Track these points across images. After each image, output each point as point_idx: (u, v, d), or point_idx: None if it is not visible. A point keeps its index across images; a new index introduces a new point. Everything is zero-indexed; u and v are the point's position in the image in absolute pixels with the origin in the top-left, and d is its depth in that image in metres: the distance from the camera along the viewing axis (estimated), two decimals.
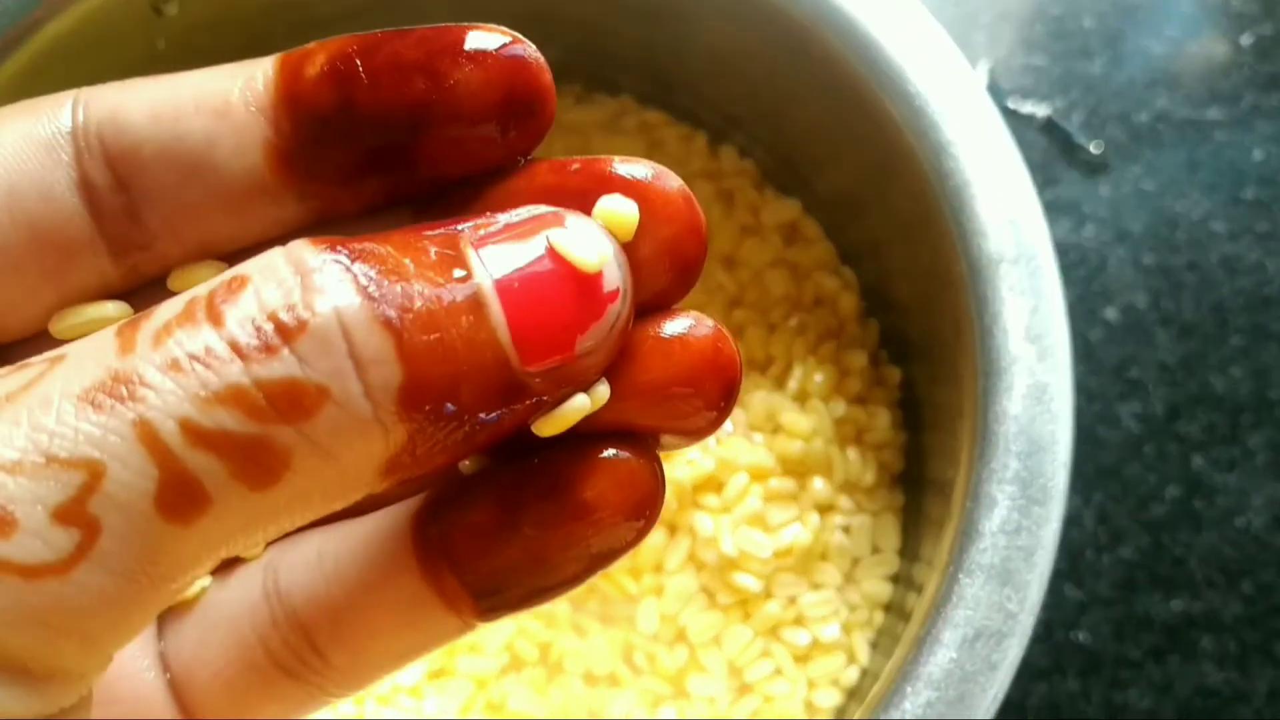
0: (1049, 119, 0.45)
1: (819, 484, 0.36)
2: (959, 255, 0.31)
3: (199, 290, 0.13)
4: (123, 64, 0.34)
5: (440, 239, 0.13)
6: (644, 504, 0.15)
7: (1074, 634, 0.38)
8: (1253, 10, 0.47)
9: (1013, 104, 0.45)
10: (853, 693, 0.34)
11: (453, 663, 0.35)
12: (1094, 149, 0.45)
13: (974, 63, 0.46)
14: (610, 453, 0.15)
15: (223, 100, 0.15)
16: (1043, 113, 0.45)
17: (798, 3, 0.33)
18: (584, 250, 0.13)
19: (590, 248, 0.13)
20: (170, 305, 0.13)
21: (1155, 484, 0.40)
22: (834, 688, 0.35)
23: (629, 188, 0.14)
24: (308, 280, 0.12)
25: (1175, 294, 0.42)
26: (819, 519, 0.36)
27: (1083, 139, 0.45)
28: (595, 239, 0.14)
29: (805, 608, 0.35)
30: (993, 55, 0.46)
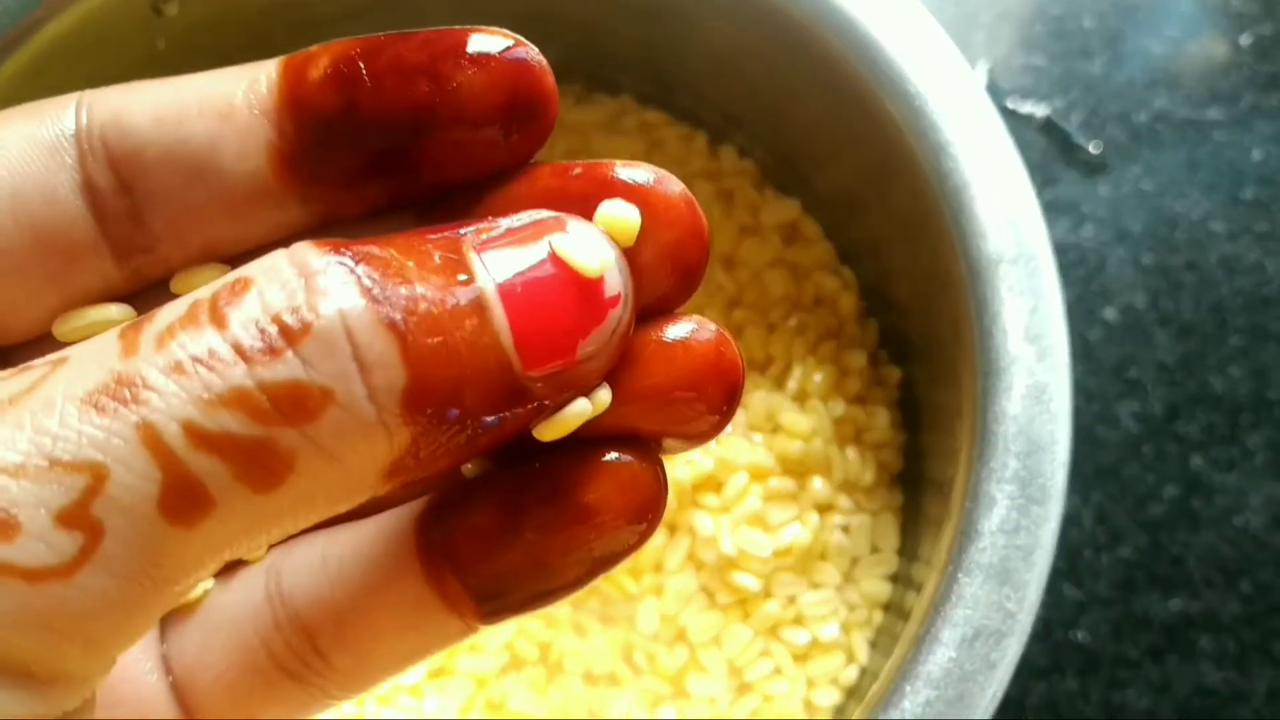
0: (1048, 119, 0.45)
1: (818, 484, 0.36)
2: (958, 255, 0.31)
3: (202, 292, 0.13)
4: (123, 64, 0.34)
5: (443, 243, 0.13)
6: (646, 508, 0.15)
7: (1073, 633, 0.38)
8: (1252, 10, 0.47)
9: (1012, 104, 0.45)
10: (852, 692, 0.35)
11: (453, 662, 0.35)
12: (1093, 149, 0.45)
13: (973, 62, 0.46)
14: (612, 456, 0.15)
15: (226, 103, 0.15)
16: (1042, 113, 0.45)
17: (797, 2, 0.33)
18: (585, 255, 0.13)
19: (592, 253, 0.13)
20: (173, 307, 0.13)
21: (1154, 484, 0.40)
22: (833, 687, 0.35)
23: (630, 192, 0.14)
24: (312, 282, 0.12)
25: (1174, 294, 0.42)
26: (818, 519, 0.36)
27: (1082, 139, 0.45)
28: (596, 244, 0.14)
29: (805, 607, 0.35)
30: (992, 55, 0.46)
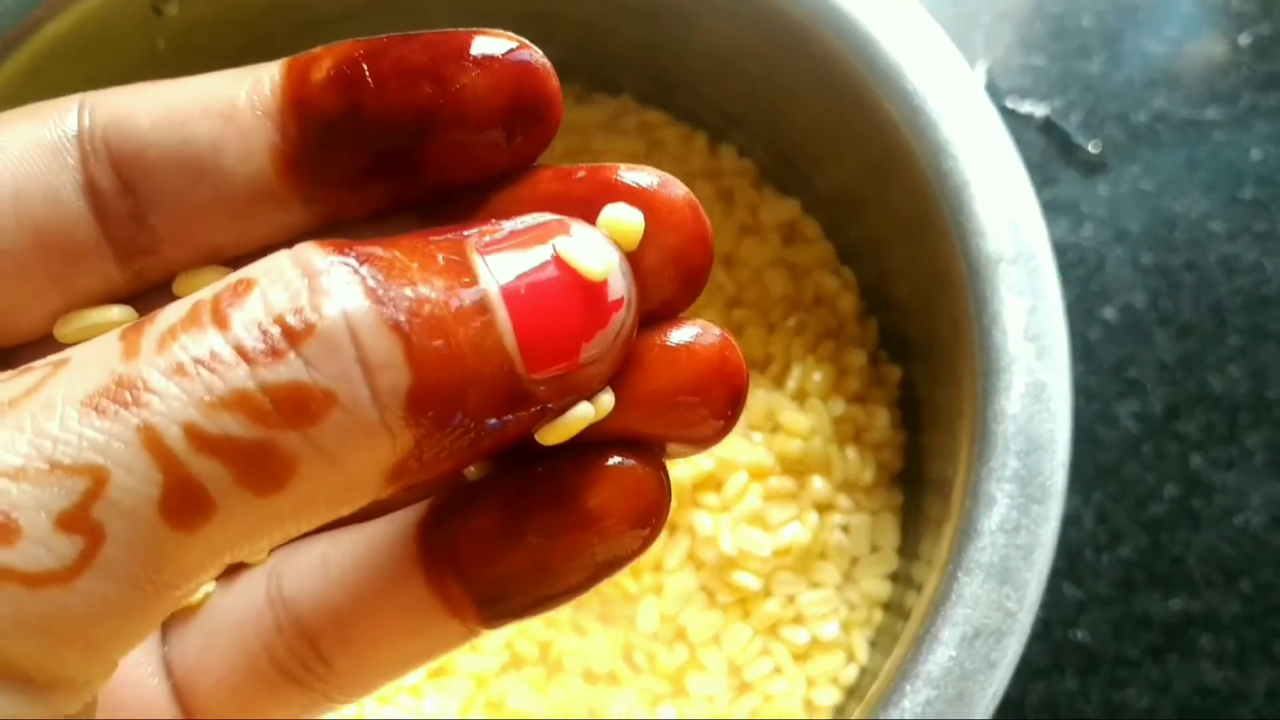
0: (1047, 119, 0.45)
1: (818, 483, 0.36)
2: (958, 254, 0.31)
3: (204, 293, 0.13)
4: (123, 64, 0.34)
5: (446, 244, 0.13)
6: (650, 512, 0.15)
7: (1073, 633, 0.38)
8: (1251, 10, 0.47)
9: (1011, 103, 0.45)
10: (852, 691, 0.34)
11: (452, 661, 0.35)
12: (1092, 149, 0.45)
13: (972, 62, 0.46)
14: (616, 461, 0.15)
15: (229, 104, 0.15)
16: (1041, 112, 0.45)
17: (797, 2, 0.33)
18: (589, 258, 0.13)
19: (596, 256, 0.13)
20: (175, 309, 0.13)
21: (1154, 483, 0.40)
22: (833, 686, 0.35)
23: (634, 196, 0.14)
24: (315, 283, 0.12)
25: (1173, 294, 0.42)
26: (818, 518, 0.36)
27: (1081, 139, 0.45)
28: (600, 247, 0.14)
29: (804, 606, 0.35)
30: (991, 55, 0.46)
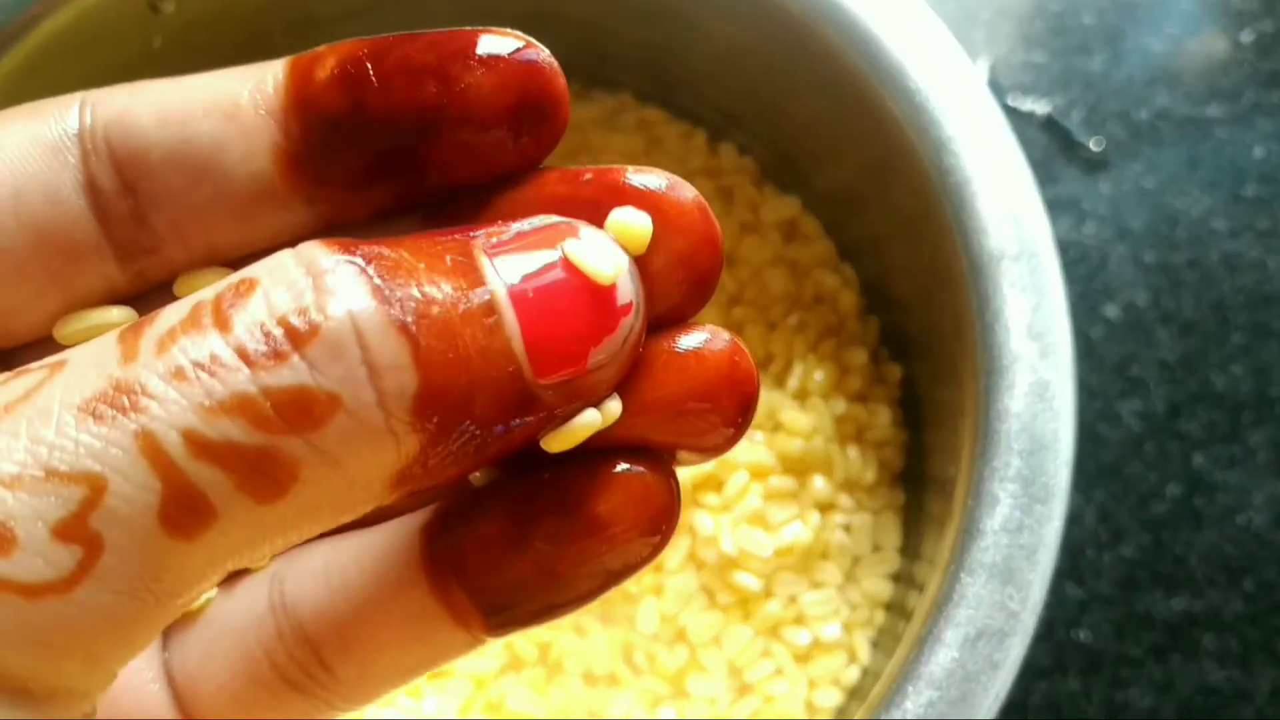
0: (1049, 116, 0.45)
1: (819, 482, 0.36)
2: (960, 252, 0.31)
3: (205, 294, 0.12)
4: (119, 61, 0.33)
5: (454, 245, 0.13)
6: (659, 519, 0.15)
7: (1075, 633, 0.38)
8: (1253, 7, 0.47)
9: (1013, 101, 0.45)
10: (854, 692, 0.34)
11: (451, 662, 0.35)
12: (1094, 146, 0.45)
13: (974, 59, 0.45)
14: (624, 467, 0.14)
15: (232, 103, 0.15)
16: (1043, 110, 0.45)
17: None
18: (598, 262, 0.13)
19: (604, 259, 0.13)
20: (175, 310, 0.12)
21: (1156, 482, 0.40)
22: (835, 687, 0.34)
23: (642, 199, 0.14)
24: (320, 282, 0.12)
25: (1176, 292, 0.42)
26: (819, 517, 0.36)
27: (1083, 136, 0.45)
28: (609, 251, 0.13)
29: (806, 607, 0.35)
30: (993, 52, 0.46)
